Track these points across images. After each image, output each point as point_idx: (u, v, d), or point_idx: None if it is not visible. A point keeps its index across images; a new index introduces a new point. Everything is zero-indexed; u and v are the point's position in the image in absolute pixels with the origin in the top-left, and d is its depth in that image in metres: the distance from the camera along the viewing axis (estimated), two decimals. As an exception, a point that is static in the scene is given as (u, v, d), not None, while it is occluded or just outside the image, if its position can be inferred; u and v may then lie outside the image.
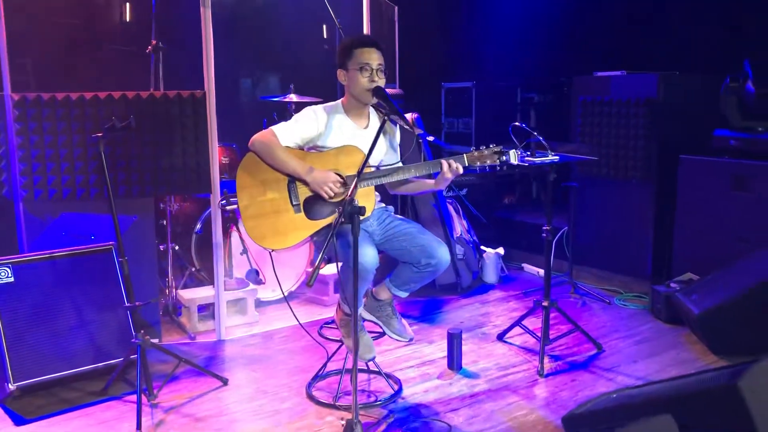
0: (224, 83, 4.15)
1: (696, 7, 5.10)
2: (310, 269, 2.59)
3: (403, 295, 3.11)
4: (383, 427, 2.98)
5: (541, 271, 5.22)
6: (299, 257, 4.70)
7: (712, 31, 4.97)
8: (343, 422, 2.71)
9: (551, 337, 3.82)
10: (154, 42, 4.00)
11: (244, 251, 4.44)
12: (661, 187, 4.73)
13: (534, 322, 3.96)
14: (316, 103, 3.16)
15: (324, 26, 5.91)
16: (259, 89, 5.59)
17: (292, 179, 2.98)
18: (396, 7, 5.08)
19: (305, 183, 2.94)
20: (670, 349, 3.81)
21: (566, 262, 4.98)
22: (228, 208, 4.01)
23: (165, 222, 4.46)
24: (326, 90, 5.42)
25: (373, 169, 3.04)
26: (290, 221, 2.96)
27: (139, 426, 2.91)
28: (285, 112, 5.16)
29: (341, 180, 2.94)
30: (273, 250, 3.00)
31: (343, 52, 3.04)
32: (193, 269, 4.62)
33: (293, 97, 5.04)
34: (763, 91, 4.26)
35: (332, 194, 2.91)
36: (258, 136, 3.00)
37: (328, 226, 2.92)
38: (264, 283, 4.48)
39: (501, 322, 4.25)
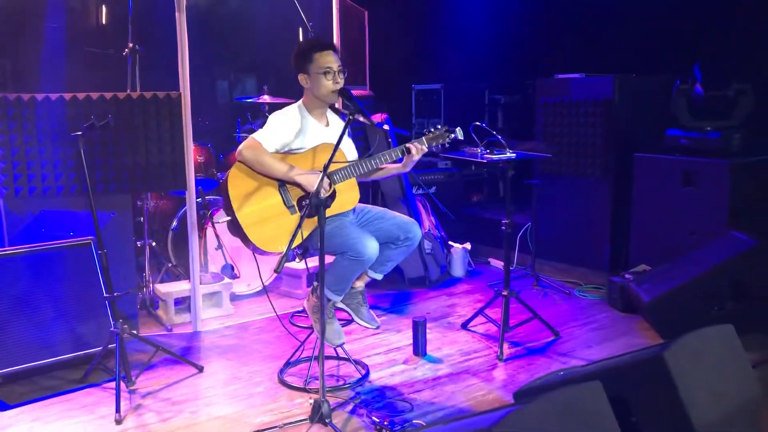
0: (199, 84, 4.30)
1: (650, 14, 5.36)
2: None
3: (379, 277, 3.31)
4: (350, 407, 3.17)
5: (507, 265, 5.45)
6: (271, 255, 4.86)
7: (665, 37, 5.24)
8: (311, 402, 2.89)
9: (511, 325, 4.04)
10: (130, 45, 4.15)
11: (219, 246, 4.60)
12: (617, 183, 4.98)
13: (497, 312, 4.16)
14: (289, 104, 3.35)
15: (300, 29, 6.09)
16: (233, 90, 5.75)
17: (282, 183, 3.13)
18: (366, 12, 5.27)
19: (296, 184, 3.10)
20: (623, 335, 4.04)
21: (529, 256, 5.21)
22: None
23: (142, 219, 4.61)
24: (298, 91, 5.60)
25: (345, 163, 3.23)
26: (289, 222, 3.10)
27: (118, 409, 3.07)
28: (258, 113, 5.34)
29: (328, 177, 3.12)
30: (278, 253, 3.14)
31: (303, 56, 3.20)
32: (170, 265, 4.77)
33: (267, 98, 5.21)
34: (711, 93, 4.53)
35: (327, 190, 3.08)
36: (245, 146, 3.12)
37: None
38: (239, 277, 4.65)
39: (466, 312, 4.46)
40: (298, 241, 2.93)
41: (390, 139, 5.10)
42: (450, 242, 5.34)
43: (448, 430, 2.16)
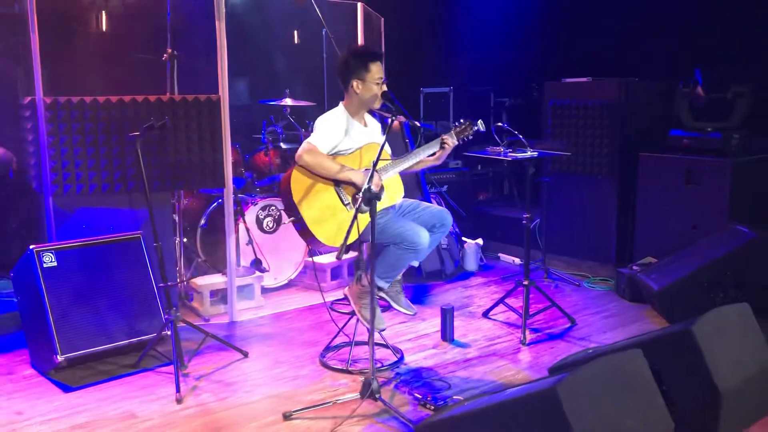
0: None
1: (653, 21, 5.69)
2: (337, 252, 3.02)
3: (416, 263, 3.59)
4: (392, 385, 3.43)
5: (516, 260, 5.74)
6: (296, 250, 5.11)
7: (667, 43, 5.56)
8: (362, 379, 3.15)
9: (530, 312, 4.32)
10: (169, 50, 4.38)
11: (250, 242, 4.84)
12: (623, 181, 5.28)
13: (514, 302, 4.44)
14: (310, 107, 3.60)
15: (295, 32, 6.34)
16: (256, 93, 5.99)
17: (337, 183, 3.38)
18: (383, 19, 5.54)
19: (351, 183, 3.35)
20: (634, 322, 4.34)
21: (539, 250, 5.50)
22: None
23: (175, 216, 4.84)
24: (318, 94, 5.87)
25: (389, 160, 3.49)
26: (348, 218, 3.31)
27: (178, 389, 3.30)
28: (281, 115, 5.58)
29: (378, 174, 3.37)
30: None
31: (359, 64, 3.44)
32: (200, 260, 5.00)
33: (289, 101, 5.45)
34: (711, 96, 4.85)
35: (378, 187, 3.33)
36: (304, 151, 3.34)
37: (373, 216, 3.13)
38: (268, 271, 4.89)
39: (484, 302, 4.73)
40: (354, 235, 3.08)
41: (407, 140, 5.38)
42: (463, 238, 5.61)
43: (503, 395, 2.42)
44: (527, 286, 4.17)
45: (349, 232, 2.97)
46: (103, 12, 4.86)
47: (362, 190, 2.94)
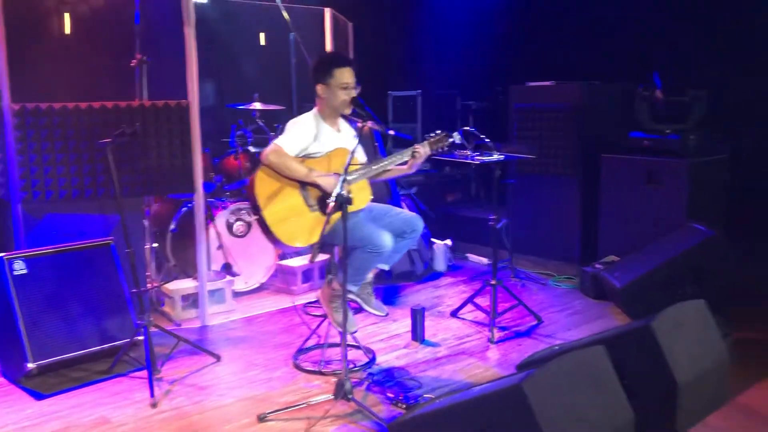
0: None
1: (614, 25, 5.86)
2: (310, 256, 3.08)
3: (387, 267, 3.64)
4: (365, 385, 3.50)
5: (484, 260, 5.86)
6: (267, 254, 5.15)
7: (627, 47, 5.73)
8: (335, 380, 3.21)
9: (498, 311, 4.42)
10: (139, 56, 4.38)
11: (220, 246, 4.86)
12: (586, 182, 5.43)
13: (482, 301, 4.55)
14: (279, 110, 3.62)
15: (261, 34, 6.38)
16: (225, 97, 6.00)
17: (303, 184, 3.44)
18: (351, 24, 5.61)
19: (316, 186, 3.41)
20: (597, 318, 4.48)
21: (506, 250, 5.62)
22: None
23: (145, 221, 4.83)
24: (287, 98, 5.91)
25: (359, 165, 3.55)
26: (311, 220, 3.40)
27: (152, 394, 3.33)
28: (250, 119, 5.61)
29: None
30: (301, 248, 3.44)
31: (323, 69, 3.52)
32: (170, 265, 5.01)
33: (258, 105, 5.49)
34: (669, 99, 5.02)
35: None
36: (270, 151, 3.41)
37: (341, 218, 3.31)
38: (239, 275, 4.92)
39: (453, 302, 4.83)
40: (315, 236, 3.25)
41: (376, 144, 5.46)
42: (432, 239, 5.71)
43: (472, 393, 2.51)
44: (494, 286, 4.27)
45: (322, 235, 3.03)
46: (71, 18, 4.84)
47: (334, 195, 3.00)
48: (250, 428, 3.10)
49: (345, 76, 3.48)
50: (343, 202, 3.00)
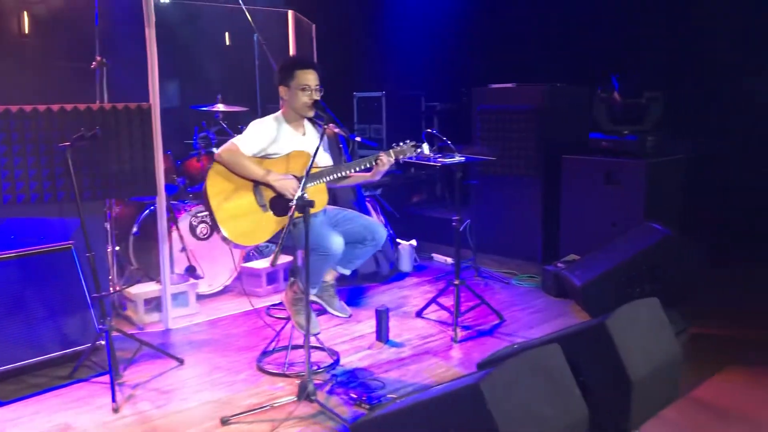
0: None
1: (573, 31, 5.98)
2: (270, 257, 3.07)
3: (347, 271, 3.66)
4: (328, 387, 3.52)
5: (449, 260, 5.91)
6: (231, 256, 5.13)
7: (587, 50, 5.85)
8: (298, 381, 3.23)
9: (461, 310, 4.48)
10: (98, 58, 4.34)
11: (183, 249, 4.84)
12: (548, 183, 5.53)
13: (446, 301, 4.60)
14: (242, 112, 3.62)
15: (227, 33, 6.36)
16: (188, 99, 5.97)
17: (256, 184, 3.44)
18: (314, 25, 5.62)
19: (269, 186, 3.42)
20: (558, 316, 4.56)
21: (470, 250, 5.69)
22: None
23: (107, 224, 4.79)
24: (251, 100, 5.90)
25: (319, 169, 3.57)
26: (260, 220, 3.42)
27: (114, 399, 3.31)
28: (213, 121, 5.58)
29: (298, 180, 3.44)
30: (249, 247, 3.45)
31: (286, 71, 3.54)
32: (132, 268, 4.97)
33: (221, 107, 5.47)
34: (627, 101, 5.14)
35: (294, 193, 3.40)
36: (224, 149, 3.43)
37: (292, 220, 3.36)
38: (202, 278, 4.90)
39: (418, 302, 4.87)
40: (267, 235, 3.37)
41: (341, 146, 5.48)
42: (398, 240, 5.75)
43: (433, 392, 2.55)
44: (457, 286, 4.33)
45: (282, 238, 3.04)
46: (29, 19, 4.77)
47: (295, 198, 3.02)
48: (214, 431, 3.10)
49: (306, 78, 3.49)
50: (304, 205, 3.02)
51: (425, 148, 3.62)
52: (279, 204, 3.47)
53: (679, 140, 5.25)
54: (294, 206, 3.01)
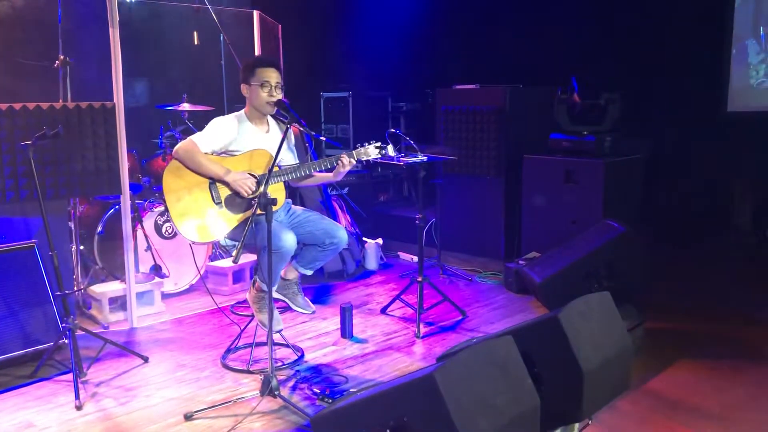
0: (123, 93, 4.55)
1: (533, 33, 6.11)
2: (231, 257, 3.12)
3: (309, 272, 3.71)
4: (292, 383, 3.57)
5: (415, 258, 5.99)
6: (197, 255, 5.15)
7: (547, 52, 5.98)
8: (261, 378, 3.28)
9: (425, 307, 4.56)
10: (62, 56, 4.33)
11: (149, 248, 4.85)
12: (510, 182, 5.65)
13: (410, 298, 4.68)
14: (208, 111, 3.66)
15: (195, 33, 6.37)
16: (154, 98, 5.97)
17: (213, 181, 3.48)
18: (280, 25, 5.66)
19: (225, 183, 3.45)
20: (519, 312, 4.67)
21: (435, 248, 5.78)
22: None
23: (71, 224, 4.78)
24: (217, 99, 5.92)
25: (279, 168, 3.61)
26: (215, 217, 3.46)
27: (77, 396, 3.32)
28: (179, 120, 5.60)
29: (256, 179, 3.49)
30: (203, 243, 3.48)
31: (247, 69, 3.59)
32: (97, 267, 4.96)
33: (187, 106, 5.48)
34: (586, 102, 5.27)
35: (250, 192, 3.45)
36: (180, 146, 3.46)
37: (247, 218, 3.43)
38: (168, 277, 4.91)
39: (383, 300, 4.94)
40: (223, 232, 3.44)
41: (307, 144, 5.54)
42: (364, 238, 5.81)
43: (390, 383, 2.62)
44: (421, 283, 4.41)
45: (244, 236, 3.09)
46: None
47: (258, 196, 3.07)
48: (177, 427, 3.13)
49: (266, 74, 3.53)
50: (266, 203, 3.07)
51: (390, 149, 3.68)
52: (233, 202, 3.50)
53: (638, 140, 5.40)
54: (257, 204, 3.06)
